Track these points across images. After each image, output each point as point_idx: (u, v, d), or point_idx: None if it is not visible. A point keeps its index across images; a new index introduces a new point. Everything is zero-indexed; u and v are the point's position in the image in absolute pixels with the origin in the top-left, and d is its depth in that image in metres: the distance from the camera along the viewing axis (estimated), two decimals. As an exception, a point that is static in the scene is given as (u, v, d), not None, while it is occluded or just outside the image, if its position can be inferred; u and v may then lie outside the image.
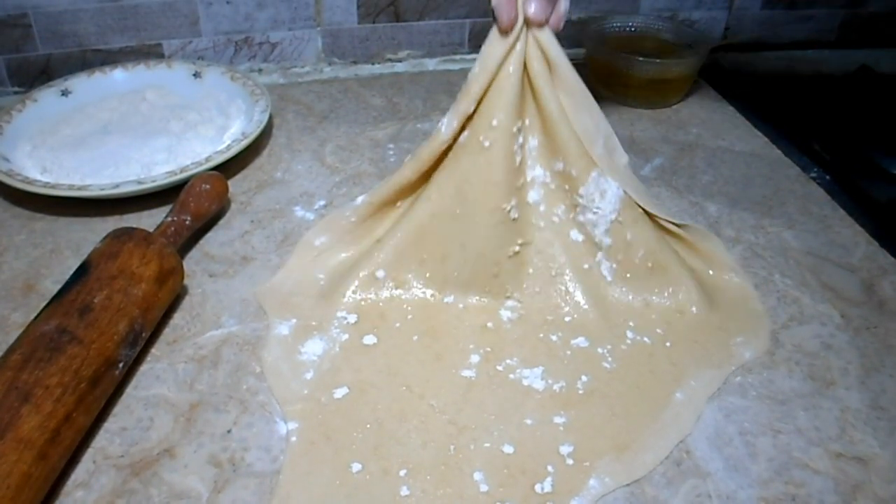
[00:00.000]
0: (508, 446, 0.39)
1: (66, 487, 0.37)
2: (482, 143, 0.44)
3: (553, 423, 0.40)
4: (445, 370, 0.43)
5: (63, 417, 0.36)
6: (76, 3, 0.69)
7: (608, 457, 0.38)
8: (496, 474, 0.37)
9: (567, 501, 0.36)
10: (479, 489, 0.37)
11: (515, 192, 0.45)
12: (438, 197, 0.46)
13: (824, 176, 0.63)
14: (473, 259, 0.46)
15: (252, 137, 0.60)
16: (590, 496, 0.37)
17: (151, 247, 0.44)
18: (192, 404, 0.41)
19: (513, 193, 0.45)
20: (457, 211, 0.45)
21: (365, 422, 0.40)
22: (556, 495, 0.37)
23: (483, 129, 0.44)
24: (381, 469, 0.37)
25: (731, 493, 0.37)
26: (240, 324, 0.46)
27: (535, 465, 0.38)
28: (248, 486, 0.37)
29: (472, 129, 0.44)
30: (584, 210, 0.46)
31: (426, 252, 0.47)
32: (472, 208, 0.45)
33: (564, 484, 0.37)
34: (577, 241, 0.47)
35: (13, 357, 0.37)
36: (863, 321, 0.48)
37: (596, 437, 0.39)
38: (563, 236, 0.47)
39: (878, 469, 0.38)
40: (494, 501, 0.36)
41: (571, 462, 0.38)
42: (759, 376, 0.44)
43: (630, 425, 0.40)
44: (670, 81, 0.71)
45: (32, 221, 0.55)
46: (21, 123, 0.61)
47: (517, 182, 0.45)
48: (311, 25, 0.76)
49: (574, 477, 0.37)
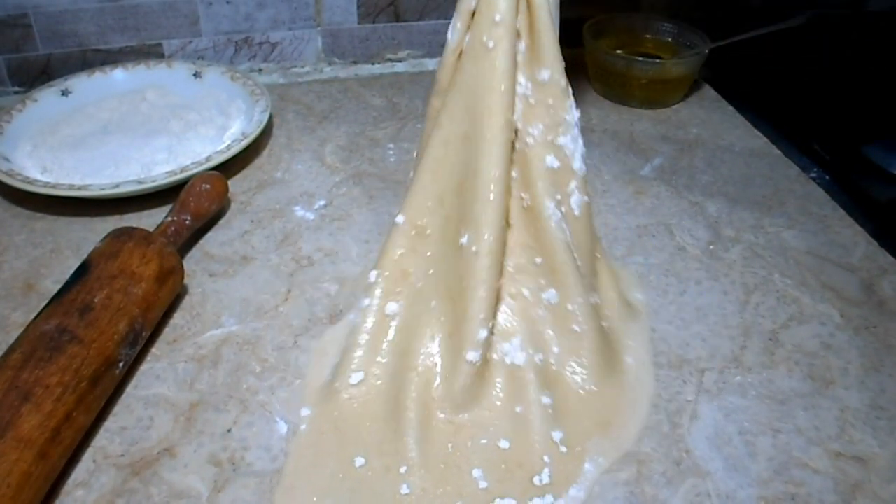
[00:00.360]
0: (504, 441, 0.39)
1: (66, 486, 0.37)
2: (486, 43, 0.39)
3: (543, 404, 0.40)
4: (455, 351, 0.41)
5: (63, 417, 0.36)
6: (76, 3, 0.69)
7: (596, 437, 0.39)
8: (494, 470, 0.38)
9: (566, 490, 0.37)
10: (479, 486, 0.37)
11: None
12: (448, 121, 0.41)
13: (824, 176, 0.63)
14: (484, 186, 0.40)
15: (252, 137, 0.60)
16: (587, 481, 0.37)
17: (151, 246, 0.45)
18: (192, 404, 0.41)
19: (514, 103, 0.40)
20: (467, 132, 0.41)
21: (374, 413, 0.40)
22: (555, 486, 0.37)
23: (486, 27, 0.39)
24: (384, 466, 0.38)
25: (731, 492, 0.37)
26: (240, 323, 0.46)
27: (531, 457, 0.38)
28: (248, 486, 0.37)
29: (474, 28, 0.40)
30: (567, 129, 0.41)
31: (443, 186, 0.42)
32: (481, 126, 0.40)
33: (561, 473, 0.38)
34: (553, 168, 0.41)
35: (13, 356, 0.37)
36: (862, 321, 0.48)
37: (581, 418, 0.40)
38: (538, 160, 0.41)
39: (878, 469, 0.38)
40: (493, 498, 0.36)
41: (565, 450, 0.39)
42: (759, 376, 0.44)
43: (604, 399, 0.41)
44: (670, 81, 0.71)
45: (33, 221, 0.55)
46: (21, 123, 0.62)
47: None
48: (311, 25, 0.76)
49: (569, 464, 0.38)
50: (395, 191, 0.59)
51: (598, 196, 0.59)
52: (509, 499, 0.36)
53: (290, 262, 0.52)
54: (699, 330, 0.47)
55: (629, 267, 0.52)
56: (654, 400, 0.42)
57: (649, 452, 0.39)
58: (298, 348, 0.45)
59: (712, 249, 0.54)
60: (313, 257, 0.52)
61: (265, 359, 0.44)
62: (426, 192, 0.42)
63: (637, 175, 0.62)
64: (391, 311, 0.42)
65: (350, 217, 0.56)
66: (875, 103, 0.71)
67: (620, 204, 0.58)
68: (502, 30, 0.39)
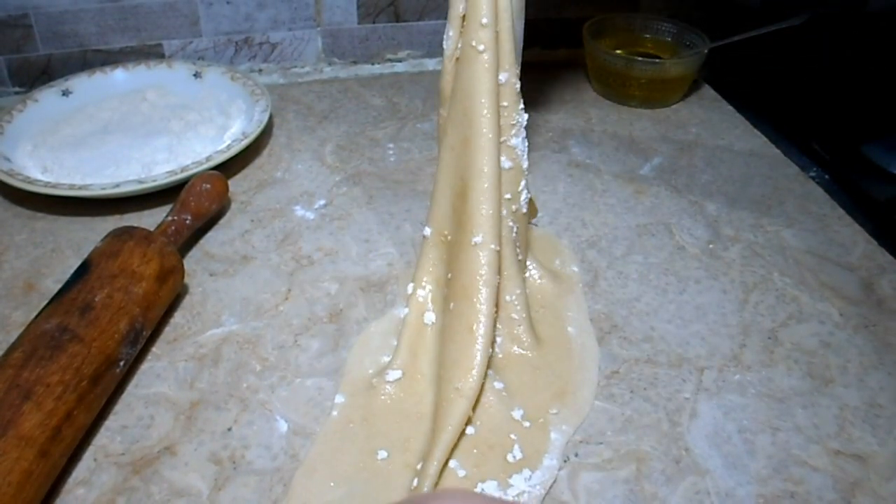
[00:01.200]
0: (469, 428, 0.39)
1: (67, 485, 0.37)
2: (476, 47, 0.41)
3: (496, 389, 0.41)
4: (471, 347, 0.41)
5: (64, 415, 0.36)
6: (77, 3, 0.69)
7: (554, 406, 0.41)
8: (468, 457, 0.38)
9: (540, 462, 0.38)
10: (458, 475, 0.37)
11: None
12: (451, 127, 0.43)
13: (823, 175, 0.63)
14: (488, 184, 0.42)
15: (252, 137, 0.60)
16: (557, 450, 0.39)
17: (152, 246, 0.45)
18: (192, 402, 0.41)
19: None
20: (466, 134, 0.42)
21: (405, 411, 0.41)
22: (528, 460, 0.38)
23: (474, 31, 0.41)
24: (405, 462, 0.38)
25: (730, 490, 0.37)
26: (240, 322, 0.47)
27: (499, 437, 0.39)
28: (249, 484, 0.37)
29: (465, 34, 0.41)
30: (518, 131, 0.43)
31: (454, 191, 0.43)
32: (478, 126, 0.41)
33: (531, 446, 0.39)
34: (505, 169, 0.43)
35: (14, 355, 0.37)
36: (861, 319, 0.48)
37: (536, 392, 0.42)
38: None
39: (877, 466, 0.39)
40: (475, 483, 0.37)
41: (528, 424, 0.40)
42: (758, 374, 0.44)
43: (555, 371, 0.43)
44: (669, 81, 0.71)
45: (33, 221, 0.55)
46: (22, 123, 0.62)
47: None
48: (311, 25, 0.76)
49: (536, 437, 0.39)
50: (394, 191, 0.59)
51: (598, 195, 0.59)
52: (490, 481, 0.37)
53: (290, 261, 0.52)
54: (698, 329, 0.47)
55: (564, 240, 0.54)
56: (599, 362, 0.44)
57: (648, 451, 0.39)
58: (298, 347, 0.45)
59: (712, 248, 0.54)
60: (313, 257, 0.52)
61: (265, 358, 0.44)
62: (445, 199, 0.44)
63: (636, 174, 0.62)
64: (429, 320, 0.44)
65: (350, 217, 0.56)
66: (874, 103, 0.71)
67: (620, 203, 0.58)
68: (489, 32, 0.41)
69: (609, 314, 0.48)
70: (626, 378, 0.43)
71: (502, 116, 0.42)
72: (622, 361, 0.44)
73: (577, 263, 0.52)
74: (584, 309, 0.48)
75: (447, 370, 0.40)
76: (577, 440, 0.40)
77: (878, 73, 0.76)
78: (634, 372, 0.44)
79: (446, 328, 0.42)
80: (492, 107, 0.41)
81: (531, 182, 0.52)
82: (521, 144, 0.44)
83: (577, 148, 0.66)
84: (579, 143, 0.66)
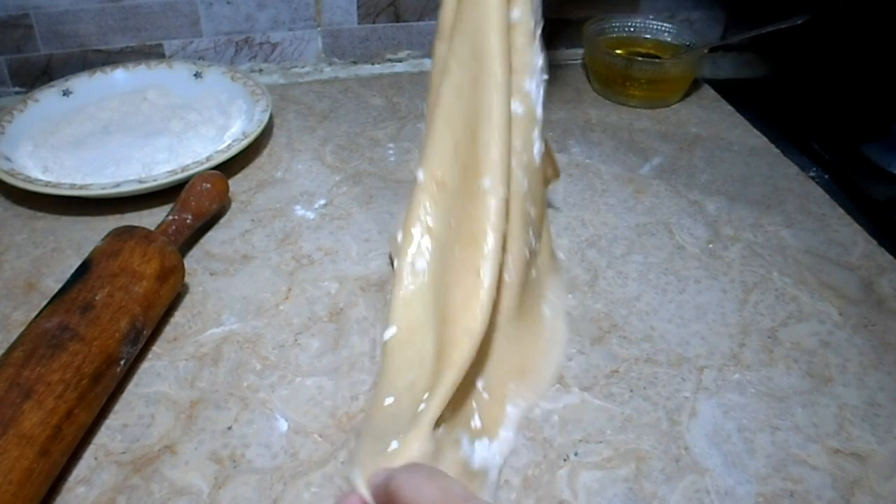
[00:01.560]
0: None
1: (67, 483, 0.37)
2: None
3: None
4: (478, 290, 0.39)
5: (65, 414, 0.36)
6: (77, 3, 0.69)
7: (513, 382, 0.42)
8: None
9: (497, 433, 0.39)
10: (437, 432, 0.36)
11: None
12: (457, 66, 0.41)
13: (823, 175, 0.63)
14: (498, 127, 0.39)
15: (253, 137, 0.60)
16: (512, 423, 0.40)
17: (152, 245, 0.45)
18: (192, 401, 0.41)
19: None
20: (475, 75, 0.40)
21: (408, 359, 0.40)
22: (486, 430, 0.39)
23: None
24: (411, 401, 0.37)
25: (730, 489, 0.37)
26: (240, 322, 0.47)
27: (463, 403, 0.39)
28: (249, 483, 0.37)
29: None
30: (533, 73, 0.41)
31: (458, 135, 0.41)
32: (490, 66, 0.39)
33: (489, 417, 0.39)
34: (517, 114, 0.41)
35: (15, 354, 0.37)
36: (861, 319, 0.48)
37: (499, 366, 0.42)
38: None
39: (876, 465, 0.39)
40: (452, 439, 0.36)
41: (487, 396, 0.40)
42: (758, 373, 0.44)
43: (521, 348, 0.43)
44: (669, 81, 0.71)
45: (34, 220, 0.55)
46: (22, 123, 0.62)
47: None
48: (311, 25, 0.76)
49: (493, 409, 0.40)
50: (394, 190, 0.59)
51: (598, 195, 0.59)
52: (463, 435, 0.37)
53: (290, 260, 0.52)
54: (698, 328, 0.47)
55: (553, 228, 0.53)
56: (566, 348, 0.45)
57: (648, 449, 0.39)
58: (299, 346, 0.45)
59: (711, 248, 0.54)
60: (313, 256, 0.52)
61: (266, 357, 0.44)
62: (443, 142, 0.42)
63: (636, 174, 0.62)
64: (420, 267, 0.42)
65: (350, 216, 0.56)
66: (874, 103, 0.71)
67: (620, 203, 0.58)
68: None
69: (609, 313, 0.48)
70: (625, 377, 0.43)
71: (515, 56, 0.40)
72: (622, 360, 0.45)
73: (563, 251, 0.53)
74: (564, 293, 0.48)
75: (454, 313, 0.39)
76: (576, 439, 0.40)
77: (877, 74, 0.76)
78: (634, 371, 0.44)
79: (449, 273, 0.40)
80: (501, 45, 0.39)
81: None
82: (536, 90, 0.41)
83: (576, 148, 0.66)
84: (579, 142, 0.66)
